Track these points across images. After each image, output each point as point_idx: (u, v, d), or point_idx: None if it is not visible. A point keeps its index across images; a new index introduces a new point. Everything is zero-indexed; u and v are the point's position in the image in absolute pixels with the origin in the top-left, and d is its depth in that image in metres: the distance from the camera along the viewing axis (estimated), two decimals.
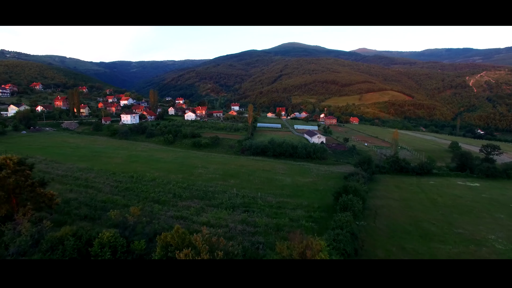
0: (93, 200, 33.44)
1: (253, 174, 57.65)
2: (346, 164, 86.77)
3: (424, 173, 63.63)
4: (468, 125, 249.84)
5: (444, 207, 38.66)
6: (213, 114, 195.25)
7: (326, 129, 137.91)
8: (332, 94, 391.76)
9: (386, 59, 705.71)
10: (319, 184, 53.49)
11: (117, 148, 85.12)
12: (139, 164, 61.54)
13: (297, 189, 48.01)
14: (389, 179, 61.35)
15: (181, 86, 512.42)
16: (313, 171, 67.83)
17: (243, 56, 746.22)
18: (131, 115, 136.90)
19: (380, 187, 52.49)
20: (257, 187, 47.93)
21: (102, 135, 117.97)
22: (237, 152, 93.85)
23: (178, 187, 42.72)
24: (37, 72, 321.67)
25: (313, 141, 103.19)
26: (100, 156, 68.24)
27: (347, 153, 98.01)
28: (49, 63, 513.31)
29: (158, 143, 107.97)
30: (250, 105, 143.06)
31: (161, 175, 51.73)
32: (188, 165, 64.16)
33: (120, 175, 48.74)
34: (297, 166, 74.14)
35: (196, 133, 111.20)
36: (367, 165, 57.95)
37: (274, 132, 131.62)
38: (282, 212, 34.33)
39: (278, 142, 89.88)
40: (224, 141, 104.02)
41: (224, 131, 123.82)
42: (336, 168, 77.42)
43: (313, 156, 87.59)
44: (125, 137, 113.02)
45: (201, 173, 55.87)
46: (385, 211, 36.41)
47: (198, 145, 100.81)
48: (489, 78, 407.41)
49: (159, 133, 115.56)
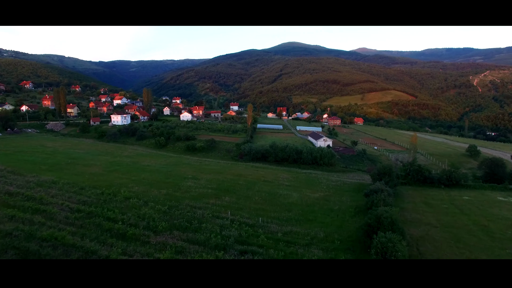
0: (32, 237, 24.16)
1: (252, 188, 48.37)
2: (356, 171, 77.60)
3: (452, 184, 54.38)
4: (475, 125, 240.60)
5: (504, 239, 29.43)
6: (211, 114, 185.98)
7: (331, 131, 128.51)
8: (333, 94, 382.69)
9: (387, 58, 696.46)
10: (332, 200, 44.25)
11: (100, 153, 75.80)
12: (119, 175, 52.27)
13: (308, 210, 38.76)
14: (412, 192, 52.12)
15: (179, 86, 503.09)
16: (322, 181, 58.63)
17: (243, 55, 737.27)
18: (122, 116, 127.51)
19: (406, 204, 43.25)
20: (257, 207, 38.68)
21: (89, 137, 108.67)
22: (235, 157, 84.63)
23: (156, 210, 33.39)
24: (30, 71, 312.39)
25: (319, 145, 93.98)
26: (76, 164, 58.91)
27: (357, 158, 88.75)
28: (47, 62, 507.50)
29: (148, 147, 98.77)
30: (250, 104, 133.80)
31: (140, 190, 42.43)
32: (177, 175, 54.85)
33: (89, 191, 39.44)
34: (303, 174, 64.89)
35: (191, 135, 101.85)
36: (388, 177, 48.58)
37: (275, 134, 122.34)
38: (292, 252, 25.08)
39: (281, 147, 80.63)
40: (221, 145, 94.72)
41: (222, 133, 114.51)
42: (347, 176, 68.19)
43: (319, 162, 78.34)
44: (113, 140, 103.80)
45: (190, 186, 46.55)
46: (429, 247, 27.14)
47: (192, 149, 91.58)
48: (493, 77, 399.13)
49: (150, 135, 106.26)
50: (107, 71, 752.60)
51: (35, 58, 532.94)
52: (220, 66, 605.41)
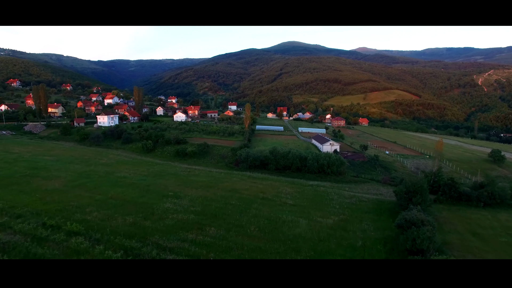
0: None
1: (247, 211, 37.99)
2: (369, 181, 67.25)
3: (495, 203, 44.10)
4: (484, 126, 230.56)
5: None
6: (207, 114, 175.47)
7: (337, 133, 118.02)
8: (335, 93, 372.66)
9: (388, 58, 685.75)
10: (351, 229, 33.91)
11: (74, 160, 65.39)
12: (82, 191, 41.92)
13: (321, 248, 28.46)
14: (447, 214, 41.85)
15: (178, 85, 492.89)
16: (332, 197, 48.34)
17: (243, 54, 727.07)
18: (109, 116, 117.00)
19: (449, 236, 32.96)
20: (253, 244, 28.33)
21: (70, 140, 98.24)
22: (230, 163, 74.34)
23: (106, 257, 22.98)
24: (21, 69, 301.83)
25: (325, 150, 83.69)
26: (35, 176, 48.51)
27: (368, 165, 78.44)
28: (45, 61, 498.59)
29: (134, 151, 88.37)
30: (247, 104, 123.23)
31: (98, 218, 32.02)
32: (156, 191, 44.48)
33: (22, 224, 28.84)
34: (310, 188, 54.48)
35: (182, 138, 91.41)
36: (420, 197, 38.17)
37: (276, 136, 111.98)
38: None
39: (282, 152, 70.31)
40: (215, 149, 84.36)
41: (217, 135, 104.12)
42: (360, 189, 57.87)
43: (326, 170, 68.03)
44: (96, 143, 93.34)
45: (167, 210, 36.15)
46: None
47: (183, 154, 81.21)
48: (498, 77, 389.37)
49: (137, 138, 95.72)
50: (106, 70, 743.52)
51: (33, 57, 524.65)
52: (219, 65, 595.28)
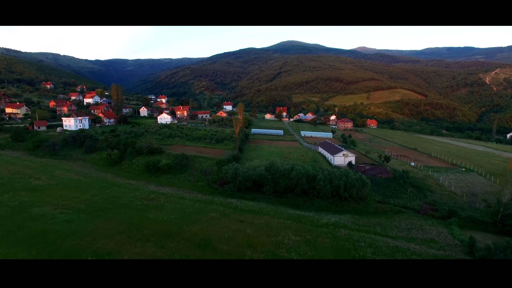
0: None
1: None
2: (404, 210, 48.54)
3: None
4: (500, 128, 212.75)
5: None
6: (198, 115, 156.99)
7: (346, 138, 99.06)
8: (336, 93, 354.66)
9: (388, 57, 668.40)
10: None
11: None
12: None
13: None
14: None
15: (174, 84, 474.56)
16: (365, 252, 30.07)
17: (241, 53, 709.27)
18: (77, 119, 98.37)
19: None
20: None
21: (20, 148, 79.56)
22: (213, 182, 56.09)
23: None
24: (2, 66, 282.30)
25: (337, 163, 65.36)
26: None
27: (394, 183, 59.99)
28: (40, 60, 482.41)
29: (97, 163, 70.00)
30: (240, 104, 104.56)
31: None
32: (72, 248, 26.06)
33: None
34: (325, 232, 35.87)
35: (157, 147, 72.85)
36: None
37: (275, 143, 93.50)
38: None
39: (283, 170, 51.85)
40: (196, 162, 65.87)
41: (203, 142, 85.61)
42: (397, 229, 39.47)
43: (343, 194, 49.78)
44: (51, 153, 74.79)
45: None
46: None
47: (154, 168, 62.89)
48: (506, 75, 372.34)
49: (103, 147, 77.19)
50: (103, 69, 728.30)
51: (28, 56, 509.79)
52: (217, 64, 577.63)
